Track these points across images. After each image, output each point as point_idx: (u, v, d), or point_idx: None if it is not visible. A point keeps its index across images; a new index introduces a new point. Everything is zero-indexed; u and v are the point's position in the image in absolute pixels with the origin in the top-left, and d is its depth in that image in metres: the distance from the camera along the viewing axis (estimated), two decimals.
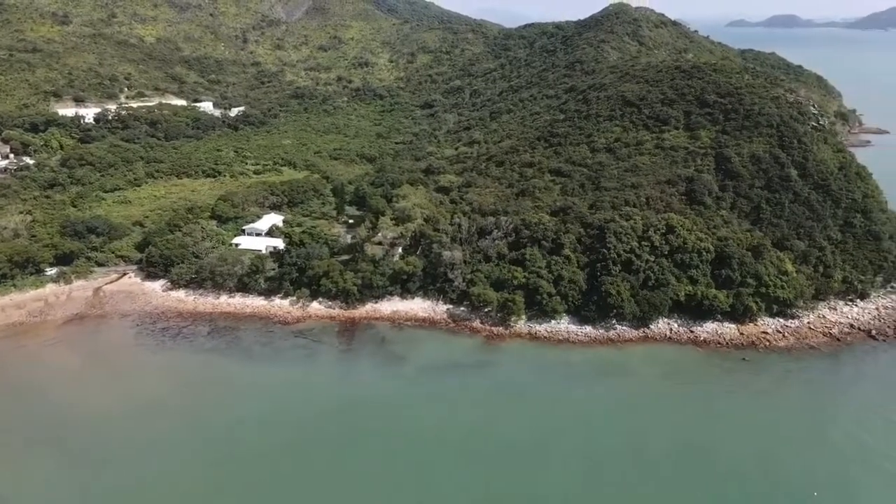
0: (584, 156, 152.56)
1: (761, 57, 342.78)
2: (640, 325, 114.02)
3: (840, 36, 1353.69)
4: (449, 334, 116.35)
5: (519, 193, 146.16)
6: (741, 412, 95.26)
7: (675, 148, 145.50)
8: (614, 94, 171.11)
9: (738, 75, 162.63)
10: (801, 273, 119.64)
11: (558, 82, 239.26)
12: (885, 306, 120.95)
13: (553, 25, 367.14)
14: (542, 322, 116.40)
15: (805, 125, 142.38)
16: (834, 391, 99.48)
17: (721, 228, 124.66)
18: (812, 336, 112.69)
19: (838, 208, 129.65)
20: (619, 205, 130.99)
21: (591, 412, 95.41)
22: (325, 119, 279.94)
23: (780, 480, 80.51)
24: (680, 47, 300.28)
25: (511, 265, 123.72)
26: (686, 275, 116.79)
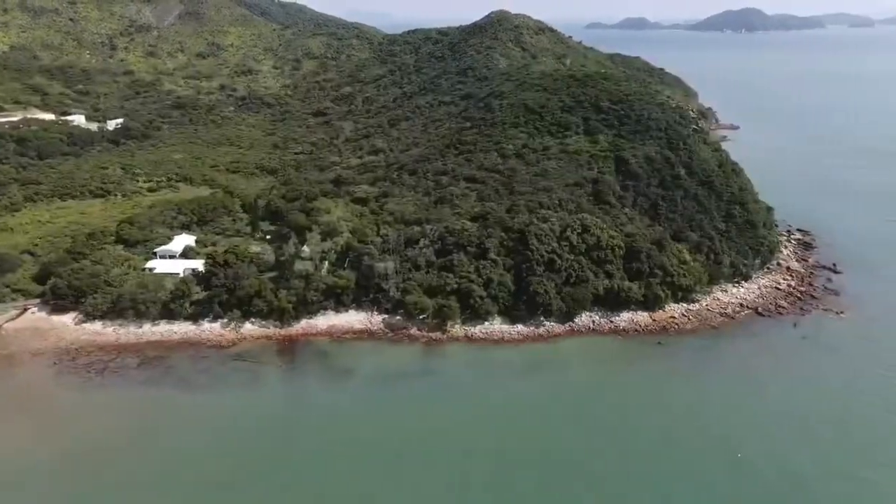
0: (495, 162, 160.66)
1: (628, 61, 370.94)
2: (566, 319, 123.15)
3: (684, 37, 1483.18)
4: (389, 344, 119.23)
5: (437, 201, 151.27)
6: (662, 390, 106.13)
7: (578, 152, 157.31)
8: (516, 102, 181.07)
9: (627, 83, 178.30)
10: (697, 261, 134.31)
11: (452, 89, 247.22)
12: (765, 285, 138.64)
13: (436, 31, 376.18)
14: (477, 324, 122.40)
15: (687, 128, 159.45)
16: (735, 364, 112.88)
17: (627, 225, 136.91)
18: (711, 317, 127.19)
19: (721, 201, 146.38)
20: (535, 208, 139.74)
21: (535, 405, 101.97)
22: (215, 130, 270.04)
23: (705, 447, 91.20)
24: (559, 53, 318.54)
25: (441, 272, 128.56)
26: (602, 270, 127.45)
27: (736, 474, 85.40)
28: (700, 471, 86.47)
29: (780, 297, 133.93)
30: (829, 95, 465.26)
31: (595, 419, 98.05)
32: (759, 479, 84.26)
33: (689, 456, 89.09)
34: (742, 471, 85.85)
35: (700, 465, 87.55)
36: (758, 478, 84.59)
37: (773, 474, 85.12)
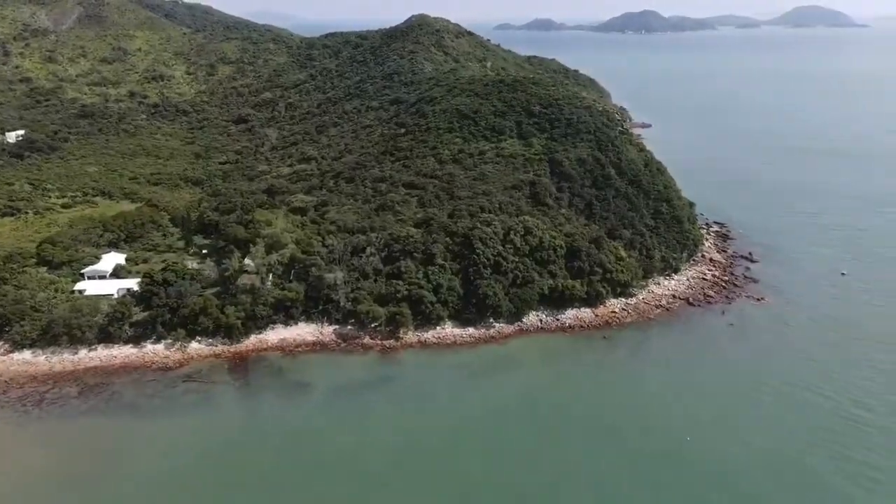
0: (433, 168, 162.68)
1: (545, 63, 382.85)
2: (514, 320, 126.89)
3: (589, 38, 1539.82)
4: (343, 354, 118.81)
5: (378, 208, 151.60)
6: (613, 382, 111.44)
7: (513, 156, 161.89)
8: (449, 108, 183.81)
9: (555, 88, 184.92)
10: (631, 257, 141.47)
11: (380, 94, 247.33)
12: (693, 276, 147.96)
13: (356, 35, 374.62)
14: (429, 329, 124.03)
15: (614, 130, 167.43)
16: (676, 353, 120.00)
17: (565, 225, 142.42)
18: (649, 310, 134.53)
19: (649, 199, 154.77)
20: (476, 212, 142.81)
21: (494, 406, 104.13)
22: (128, 140, 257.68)
23: (658, 433, 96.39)
24: (479, 56, 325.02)
25: (390, 279, 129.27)
26: (546, 270, 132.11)
27: (687, 457, 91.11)
28: (655, 455, 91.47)
29: (707, 287, 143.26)
30: (730, 93, 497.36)
31: (552, 416, 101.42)
32: (708, 460, 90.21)
33: (645, 443, 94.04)
34: (692, 453, 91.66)
35: (655, 450, 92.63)
36: (707, 458, 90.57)
37: (720, 455, 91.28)
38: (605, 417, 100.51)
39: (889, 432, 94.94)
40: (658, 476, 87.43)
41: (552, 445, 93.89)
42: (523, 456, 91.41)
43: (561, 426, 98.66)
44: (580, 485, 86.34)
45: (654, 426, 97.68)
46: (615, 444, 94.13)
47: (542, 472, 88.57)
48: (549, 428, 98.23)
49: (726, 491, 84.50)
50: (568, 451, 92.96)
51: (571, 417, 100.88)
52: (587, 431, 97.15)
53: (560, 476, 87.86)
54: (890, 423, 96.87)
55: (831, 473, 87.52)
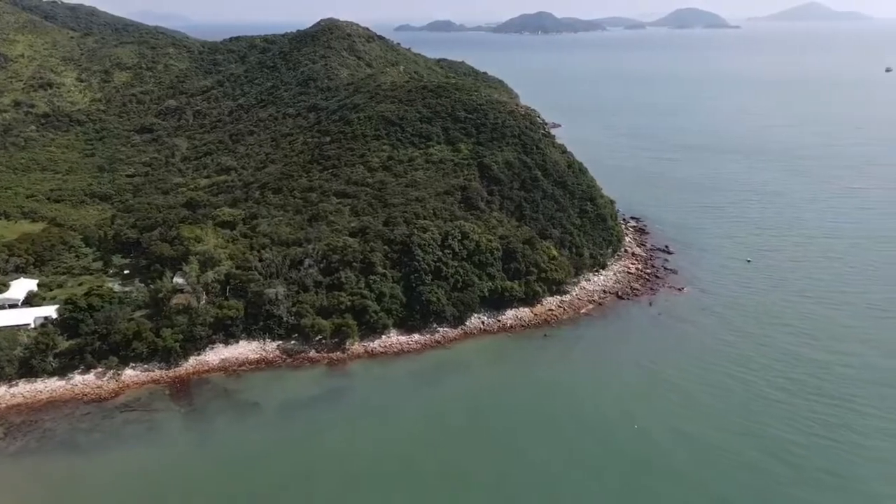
0: (363, 176, 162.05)
1: (455, 66, 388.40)
2: (458, 323, 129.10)
3: (489, 39, 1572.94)
4: (289, 370, 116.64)
5: (311, 219, 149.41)
6: (559, 378, 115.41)
7: (442, 161, 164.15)
8: (374, 115, 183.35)
9: (477, 93, 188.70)
10: (563, 256, 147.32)
11: (296, 101, 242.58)
12: (619, 271, 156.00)
13: (261, 39, 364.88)
14: (375, 338, 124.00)
15: (537, 133, 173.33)
16: (612, 345, 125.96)
17: (498, 228, 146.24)
18: (582, 305, 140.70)
19: (574, 199, 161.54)
20: (411, 219, 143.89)
21: (445, 411, 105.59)
22: (19, 154, 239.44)
23: (608, 423, 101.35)
24: (391, 60, 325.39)
25: (331, 291, 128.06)
26: (485, 273, 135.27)
27: (639, 443, 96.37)
28: (610, 444, 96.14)
29: (633, 281, 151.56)
30: (629, 93, 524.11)
31: (503, 417, 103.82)
32: (657, 445, 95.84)
33: (599, 434, 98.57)
34: (643, 440, 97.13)
35: (609, 439, 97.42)
36: (656, 443, 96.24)
37: (666, 438, 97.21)
38: (555, 414, 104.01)
39: (799, 408, 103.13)
40: (601, 463, 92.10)
41: (506, 447, 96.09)
42: (480, 462, 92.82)
43: (512, 427, 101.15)
44: (537, 482, 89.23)
45: (608, 418, 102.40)
46: (565, 439, 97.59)
47: (500, 474, 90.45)
48: (502, 429, 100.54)
49: (664, 476, 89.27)
50: (523, 451, 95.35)
51: (522, 417, 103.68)
52: (538, 429, 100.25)
53: (518, 475, 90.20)
54: (799, 400, 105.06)
55: (752, 450, 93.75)
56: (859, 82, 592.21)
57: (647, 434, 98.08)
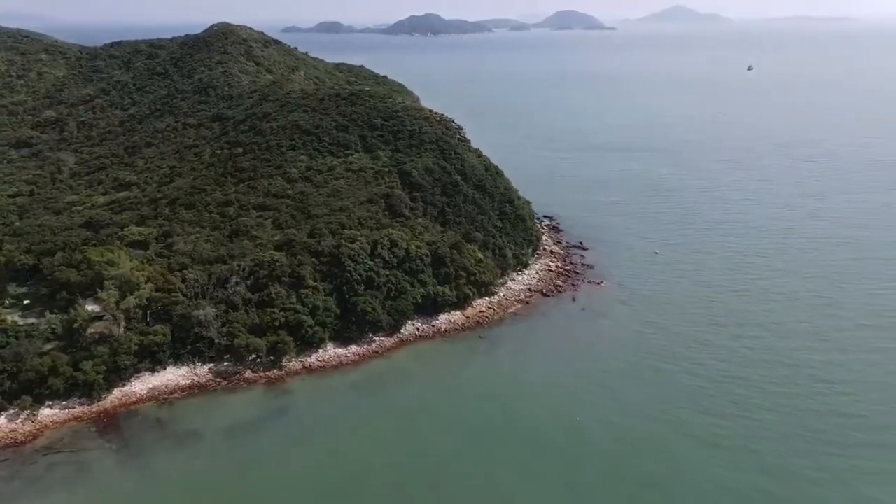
0: (283, 187, 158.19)
1: (354, 69, 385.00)
2: (393, 332, 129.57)
3: (379, 41, 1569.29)
4: (226, 393, 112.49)
5: (231, 235, 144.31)
6: (494, 378, 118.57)
7: (363, 169, 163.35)
8: (287, 124, 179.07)
9: (392, 100, 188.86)
10: (488, 258, 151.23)
11: (196, 110, 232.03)
12: (541, 269, 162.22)
13: (146, 44, 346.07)
14: (312, 353, 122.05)
15: (453, 138, 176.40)
16: (544, 341, 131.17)
17: (424, 234, 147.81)
18: (511, 305, 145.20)
19: (494, 202, 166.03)
20: (337, 229, 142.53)
21: (390, 422, 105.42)
22: None
23: (551, 419, 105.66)
24: (291, 65, 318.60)
25: (262, 308, 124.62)
26: (416, 279, 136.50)
27: (580, 436, 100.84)
28: (554, 440, 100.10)
29: (554, 278, 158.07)
30: (524, 93, 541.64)
31: (448, 423, 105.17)
32: (597, 436, 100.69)
33: (543, 431, 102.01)
34: (584, 433, 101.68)
35: (553, 435, 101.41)
36: (595, 434, 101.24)
37: (603, 429, 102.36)
38: (493, 416, 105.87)
39: (712, 391, 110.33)
40: (538, 462, 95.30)
41: (454, 453, 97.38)
42: (431, 473, 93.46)
43: (459, 431, 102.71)
44: (478, 486, 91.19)
45: (550, 414, 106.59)
46: (504, 441, 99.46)
47: (452, 482, 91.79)
48: (449, 435, 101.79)
49: (596, 470, 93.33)
50: (471, 455, 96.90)
51: (463, 422, 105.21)
52: (478, 433, 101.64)
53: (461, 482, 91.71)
54: (712, 384, 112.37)
55: (675, 434, 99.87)
56: (726, 80, 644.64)
57: (581, 429, 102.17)
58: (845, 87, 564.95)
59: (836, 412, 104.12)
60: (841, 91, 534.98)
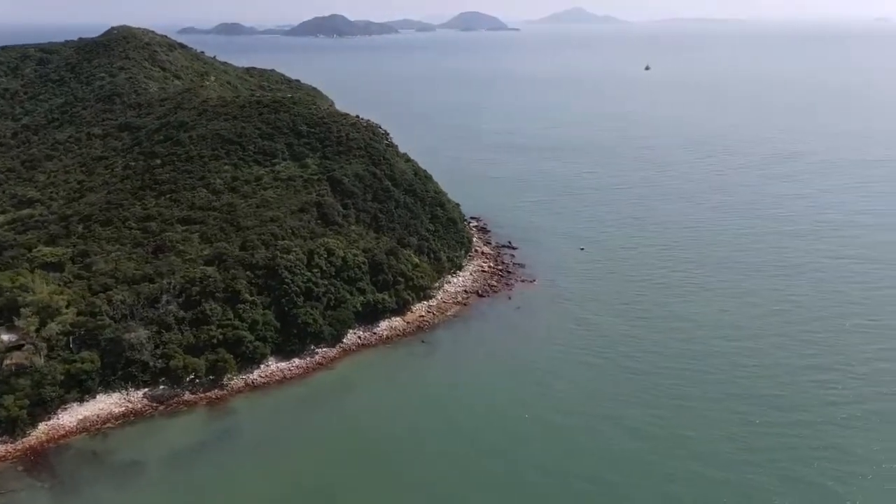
0: (208, 199, 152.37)
1: (265, 74, 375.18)
2: (335, 342, 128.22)
3: (283, 42, 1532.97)
4: (165, 418, 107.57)
5: (156, 251, 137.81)
6: (436, 382, 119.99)
7: (291, 178, 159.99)
8: (208, 133, 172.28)
9: (315, 106, 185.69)
10: (424, 262, 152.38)
11: (101, 119, 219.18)
12: (474, 270, 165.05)
13: (36, 48, 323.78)
14: (254, 370, 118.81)
15: (381, 143, 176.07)
16: (485, 342, 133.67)
17: (360, 241, 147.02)
18: (448, 307, 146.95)
19: (425, 206, 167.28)
20: (270, 241, 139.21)
21: (338, 435, 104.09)
22: None
23: (500, 416, 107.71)
24: (199, 70, 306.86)
25: (197, 326, 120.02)
26: (355, 287, 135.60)
27: (522, 436, 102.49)
28: (497, 441, 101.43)
29: (488, 278, 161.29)
30: (436, 94, 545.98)
31: (401, 430, 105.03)
32: (537, 435, 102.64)
33: (487, 433, 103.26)
34: (526, 432, 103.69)
35: (506, 430, 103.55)
36: (537, 433, 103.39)
37: (544, 427, 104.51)
38: (440, 422, 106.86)
39: (646, 383, 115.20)
40: (522, 451, 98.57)
41: (407, 462, 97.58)
42: (385, 485, 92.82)
43: (408, 439, 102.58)
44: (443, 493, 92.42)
45: (499, 411, 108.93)
46: (450, 447, 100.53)
47: (407, 492, 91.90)
48: (399, 444, 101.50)
49: (531, 469, 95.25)
50: (422, 463, 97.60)
51: (416, 427, 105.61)
52: (432, 438, 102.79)
53: (425, 490, 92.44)
54: (647, 378, 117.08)
55: (613, 429, 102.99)
56: (626, 80, 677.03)
57: (522, 428, 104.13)
58: (740, 85, 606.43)
59: (754, 395, 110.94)
60: (736, 89, 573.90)
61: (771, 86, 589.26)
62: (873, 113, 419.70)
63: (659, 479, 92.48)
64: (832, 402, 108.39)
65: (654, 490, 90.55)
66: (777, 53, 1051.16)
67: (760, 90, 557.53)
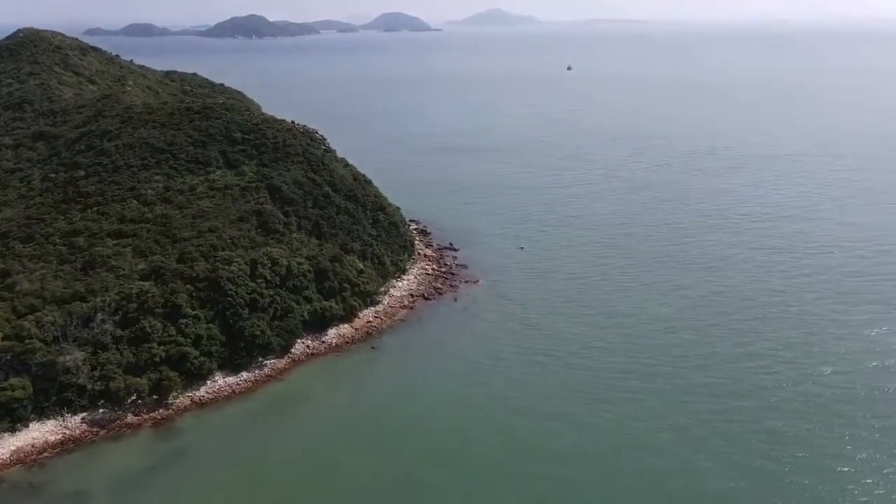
0: (139, 211, 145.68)
1: (187, 78, 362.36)
2: (284, 353, 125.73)
3: (200, 43, 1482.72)
4: (108, 443, 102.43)
5: (85, 267, 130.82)
6: (388, 388, 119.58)
7: (228, 187, 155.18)
8: (136, 142, 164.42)
9: (249, 112, 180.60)
10: (368, 267, 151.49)
11: (10, 129, 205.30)
12: (418, 274, 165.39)
13: None
14: (200, 386, 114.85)
15: (318, 149, 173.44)
16: (436, 344, 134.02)
17: (303, 249, 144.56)
18: (396, 312, 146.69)
19: (366, 210, 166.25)
20: (209, 252, 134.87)
21: (292, 446, 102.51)
22: None
23: (462, 417, 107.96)
24: (115, 74, 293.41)
25: (136, 344, 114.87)
26: (302, 296, 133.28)
27: (481, 433, 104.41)
28: (460, 437, 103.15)
29: (433, 281, 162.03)
30: (363, 97, 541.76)
31: (354, 440, 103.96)
32: (489, 438, 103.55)
33: (439, 439, 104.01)
34: (483, 430, 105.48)
35: (459, 433, 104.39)
36: (499, 427, 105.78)
37: (497, 425, 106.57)
38: (398, 427, 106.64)
39: (596, 380, 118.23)
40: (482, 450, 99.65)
41: (365, 473, 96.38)
42: (345, 498, 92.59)
43: (364, 449, 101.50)
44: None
45: (460, 413, 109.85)
46: (409, 451, 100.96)
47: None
48: (355, 454, 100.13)
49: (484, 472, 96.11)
50: (379, 472, 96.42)
51: (369, 437, 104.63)
52: (386, 446, 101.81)
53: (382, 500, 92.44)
54: (592, 374, 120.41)
55: (564, 425, 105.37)
56: (549, 80, 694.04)
57: (473, 432, 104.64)
58: (659, 84, 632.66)
59: (695, 385, 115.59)
60: (656, 88, 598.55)
61: (685, 85, 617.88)
62: (778, 109, 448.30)
63: (608, 472, 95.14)
64: (764, 387, 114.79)
65: (604, 483, 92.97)
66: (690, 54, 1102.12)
67: (675, 88, 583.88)
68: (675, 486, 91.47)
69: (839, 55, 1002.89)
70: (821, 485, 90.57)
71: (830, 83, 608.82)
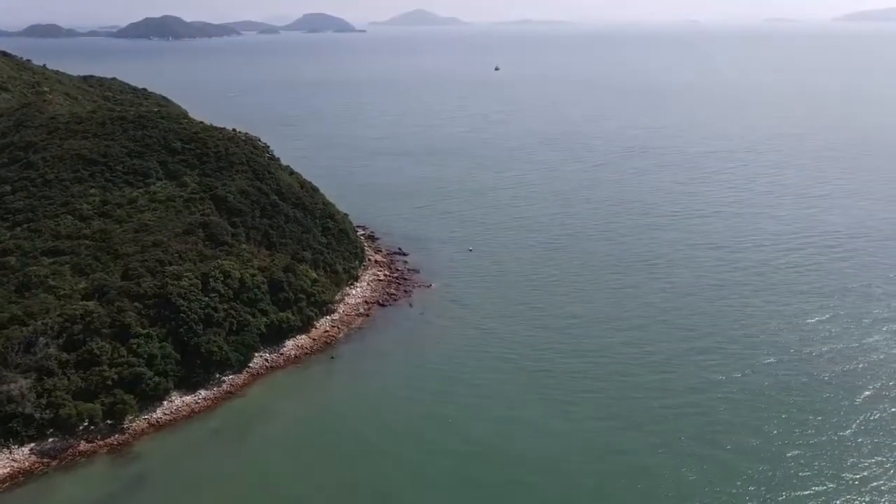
0: (76, 227, 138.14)
1: (107, 83, 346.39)
2: (243, 368, 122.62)
3: (111, 45, 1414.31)
4: (61, 473, 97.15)
5: (20, 289, 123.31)
6: (351, 398, 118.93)
7: (171, 198, 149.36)
8: (65, 154, 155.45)
9: (187, 120, 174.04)
10: (322, 276, 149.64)
11: None
12: (371, 280, 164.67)
13: None
14: (157, 407, 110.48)
15: (263, 157, 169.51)
16: (397, 350, 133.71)
17: (254, 260, 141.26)
18: (352, 320, 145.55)
19: (315, 218, 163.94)
20: (155, 267, 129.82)
21: (257, 464, 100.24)
22: None
23: (431, 422, 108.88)
24: (29, 80, 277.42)
25: (85, 368, 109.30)
26: (257, 309, 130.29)
27: (443, 440, 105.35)
28: (421, 447, 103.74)
29: (386, 286, 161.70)
30: (293, 101, 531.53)
31: (320, 453, 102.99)
32: (462, 436, 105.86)
33: (409, 442, 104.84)
34: (445, 437, 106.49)
35: (420, 442, 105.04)
36: (461, 434, 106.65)
37: (458, 432, 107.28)
38: (363, 437, 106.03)
39: (553, 381, 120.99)
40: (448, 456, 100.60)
41: (335, 485, 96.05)
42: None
43: (326, 460, 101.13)
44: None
45: (427, 417, 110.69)
46: (376, 462, 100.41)
47: None
48: (322, 467, 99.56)
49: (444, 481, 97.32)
50: (339, 483, 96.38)
51: (333, 447, 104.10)
52: (352, 457, 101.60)
53: None
54: (549, 375, 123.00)
55: (529, 431, 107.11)
56: (478, 80, 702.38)
57: (436, 442, 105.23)
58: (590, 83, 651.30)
59: (647, 382, 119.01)
60: (587, 87, 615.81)
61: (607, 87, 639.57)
62: (695, 107, 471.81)
63: (568, 474, 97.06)
64: (713, 381, 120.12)
65: (563, 484, 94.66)
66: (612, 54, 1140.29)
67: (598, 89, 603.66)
68: (637, 485, 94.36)
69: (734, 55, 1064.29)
70: (773, 471, 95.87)
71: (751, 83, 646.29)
